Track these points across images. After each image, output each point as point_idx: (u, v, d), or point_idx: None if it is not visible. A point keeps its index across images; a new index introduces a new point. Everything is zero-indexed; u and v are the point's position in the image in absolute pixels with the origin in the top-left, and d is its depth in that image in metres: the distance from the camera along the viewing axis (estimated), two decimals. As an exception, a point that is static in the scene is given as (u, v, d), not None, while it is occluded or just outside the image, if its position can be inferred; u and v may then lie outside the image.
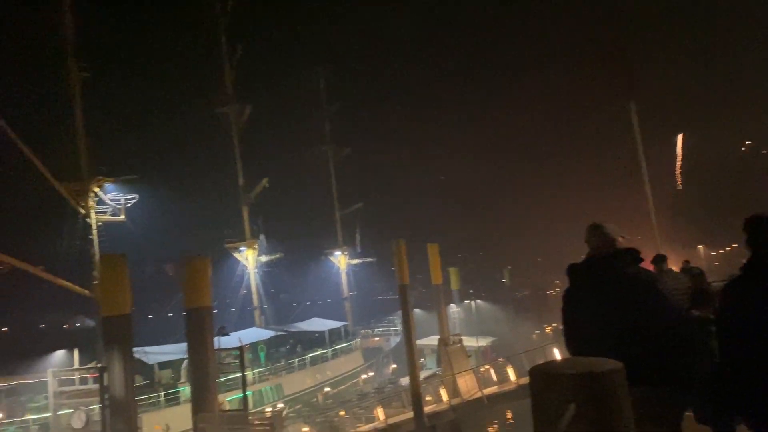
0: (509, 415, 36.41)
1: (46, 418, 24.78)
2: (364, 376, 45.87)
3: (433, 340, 40.23)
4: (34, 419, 27.58)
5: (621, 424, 2.64)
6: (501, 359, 34.62)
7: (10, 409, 29.27)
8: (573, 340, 4.53)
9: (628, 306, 4.24)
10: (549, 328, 61.52)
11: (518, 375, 29.75)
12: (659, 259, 10.32)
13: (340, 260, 58.16)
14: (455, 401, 30.28)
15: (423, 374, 34.28)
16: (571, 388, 2.63)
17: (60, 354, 34.60)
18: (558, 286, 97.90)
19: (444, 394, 30.84)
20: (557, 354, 28.99)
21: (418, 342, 35.43)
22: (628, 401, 2.69)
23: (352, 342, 49.64)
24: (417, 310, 44.67)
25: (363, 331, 56.50)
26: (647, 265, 6.33)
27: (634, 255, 4.46)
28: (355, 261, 59.26)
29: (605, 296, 4.33)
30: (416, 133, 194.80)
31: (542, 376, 2.74)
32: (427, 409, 29.77)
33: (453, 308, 50.29)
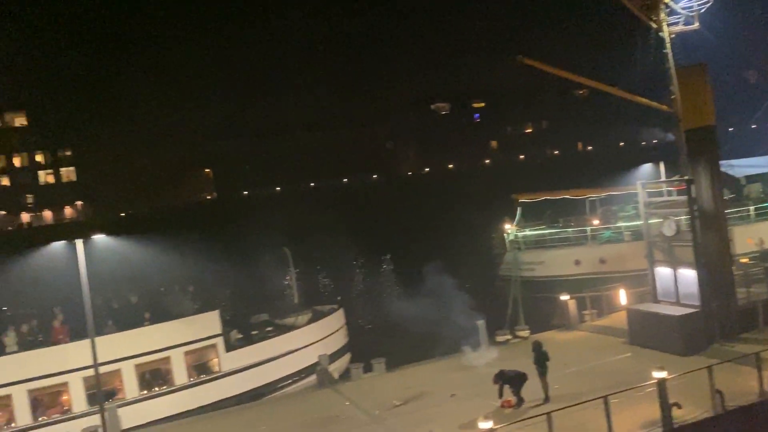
0: None
1: (637, 226, 27.04)
2: None
3: None
4: (626, 226, 30.71)
5: None
6: None
7: (604, 217, 33.41)
8: None
9: None
10: None
11: None
12: None
13: None
14: None
15: None
16: None
17: (645, 168, 36.36)
18: None
19: None
20: None
21: None
22: None
23: None
24: None
25: None
26: None
27: None
28: None
29: None
30: None
31: None
32: None
33: None
